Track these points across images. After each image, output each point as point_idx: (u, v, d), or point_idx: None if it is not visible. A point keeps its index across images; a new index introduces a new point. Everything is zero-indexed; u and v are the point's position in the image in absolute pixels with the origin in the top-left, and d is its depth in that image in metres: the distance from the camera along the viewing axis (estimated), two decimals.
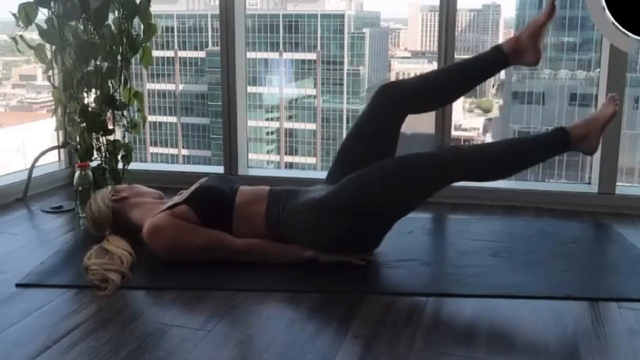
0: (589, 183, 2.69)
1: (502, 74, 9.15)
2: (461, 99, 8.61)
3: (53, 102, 2.62)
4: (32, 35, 2.52)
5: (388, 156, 2.01)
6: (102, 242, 2.02)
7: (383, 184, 1.91)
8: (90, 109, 2.51)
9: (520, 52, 1.96)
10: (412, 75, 2.09)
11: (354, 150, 2.06)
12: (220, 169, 2.99)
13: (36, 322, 1.62)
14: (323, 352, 1.47)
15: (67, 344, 1.50)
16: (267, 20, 9.30)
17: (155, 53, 4.03)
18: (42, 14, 2.42)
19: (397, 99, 2.02)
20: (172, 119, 9.39)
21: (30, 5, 2.38)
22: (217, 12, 2.88)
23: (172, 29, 9.11)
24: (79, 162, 2.44)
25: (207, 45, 9.10)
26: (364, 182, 1.92)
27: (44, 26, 2.44)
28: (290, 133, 9.35)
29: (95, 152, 2.57)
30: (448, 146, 2.06)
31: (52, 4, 2.41)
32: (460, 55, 2.59)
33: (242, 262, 1.94)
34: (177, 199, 2.05)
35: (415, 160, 1.95)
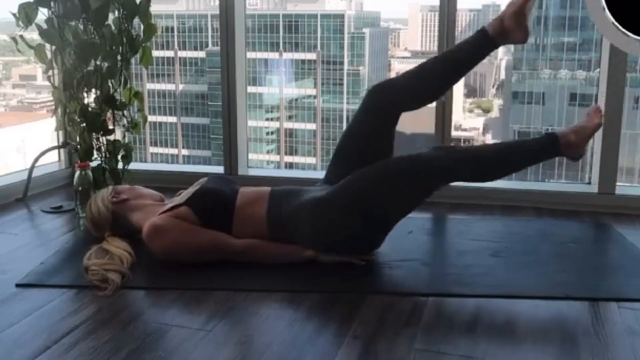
0: (589, 183, 2.68)
1: (502, 73, 9.15)
2: (461, 99, 8.62)
3: (53, 102, 2.62)
4: (32, 35, 2.51)
5: (385, 155, 2.01)
6: (102, 243, 2.02)
7: (382, 187, 1.91)
8: (90, 109, 2.51)
9: (506, 32, 1.93)
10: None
11: (350, 150, 2.07)
12: (220, 169, 2.99)
13: (36, 322, 1.62)
14: (323, 352, 1.47)
15: (67, 344, 1.50)
16: (267, 20, 9.30)
17: (155, 53, 4.02)
18: (42, 14, 2.42)
19: (388, 99, 2.02)
20: (172, 119, 9.39)
21: (30, 5, 2.38)
22: (217, 12, 2.88)
23: (172, 29, 9.12)
24: (79, 162, 2.43)
25: (207, 45, 9.11)
26: (363, 184, 1.91)
27: (44, 26, 2.44)
28: (290, 133, 9.35)
29: (95, 152, 2.57)
30: (444, 147, 2.07)
31: (52, 4, 2.41)
32: None
33: (242, 262, 1.94)
34: (177, 200, 2.05)
35: (413, 163, 1.94)
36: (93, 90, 2.52)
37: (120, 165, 2.60)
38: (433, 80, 2.03)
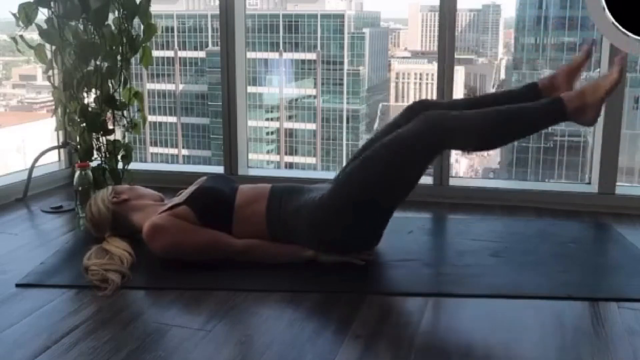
0: (589, 183, 2.68)
1: (502, 73, 9.15)
2: None
3: (53, 102, 2.62)
4: (32, 35, 2.52)
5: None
6: (102, 243, 2.02)
7: (373, 172, 1.90)
8: (90, 109, 2.51)
9: (555, 89, 1.95)
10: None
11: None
12: (220, 169, 2.99)
13: (36, 322, 1.62)
14: (323, 352, 1.47)
15: (67, 344, 1.50)
16: (267, 20, 9.31)
17: (155, 53, 4.02)
18: (42, 14, 2.42)
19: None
20: (172, 119, 9.41)
21: (30, 5, 2.38)
22: (217, 12, 2.88)
23: (172, 29, 9.13)
24: (79, 162, 2.43)
25: (207, 45, 9.12)
26: (357, 176, 1.92)
27: (44, 26, 2.44)
28: (290, 133, 9.36)
29: (95, 152, 2.57)
30: (430, 115, 1.87)
31: (52, 4, 2.41)
32: (460, 56, 2.59)
33: (242, 262, 1.94)
34: (176, 199, 2.05)
35: (395, 141, 1.89)
36: (93, 90, 2.52)
37: (120, 165, 2.60)
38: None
